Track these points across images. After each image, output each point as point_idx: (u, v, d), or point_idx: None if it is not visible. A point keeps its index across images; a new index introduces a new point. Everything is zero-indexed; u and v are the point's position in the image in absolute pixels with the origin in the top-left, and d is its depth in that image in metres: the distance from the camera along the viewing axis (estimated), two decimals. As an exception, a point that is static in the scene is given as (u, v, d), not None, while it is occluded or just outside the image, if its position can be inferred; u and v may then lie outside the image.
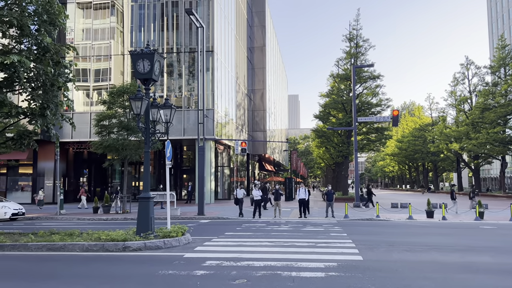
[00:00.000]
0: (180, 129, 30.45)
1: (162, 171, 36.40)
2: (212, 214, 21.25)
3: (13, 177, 32.61)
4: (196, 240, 11.77)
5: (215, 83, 31.55)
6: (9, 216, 19.36)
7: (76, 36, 32.19)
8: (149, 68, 11.27)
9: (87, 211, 23.79)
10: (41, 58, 11.65)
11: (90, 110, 31.43)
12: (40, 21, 11.65)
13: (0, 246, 10.29)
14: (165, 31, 32.23)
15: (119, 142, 21.76)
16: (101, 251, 10.09)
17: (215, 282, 6.79)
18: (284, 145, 66.78)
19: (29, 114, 11.90)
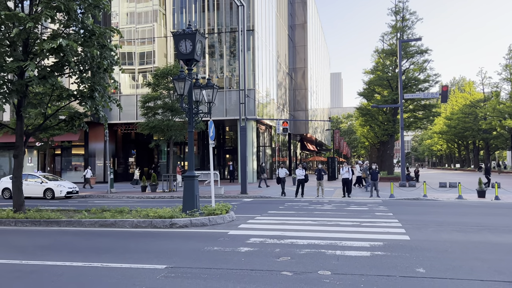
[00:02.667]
0: (222, 109, 30.72)
1: (205, 151, 37.04)
2: (254, 193, 21.47)
3: (67, 158, 34.43)
4: (239, 218, 11.94)
5: (256, 62, 31.37)
6: (64, 194, 20.50)
7: (120, 20, 32.96)
8: (191, 49, 11.33)
9: (135, 190, 24.75)
10: (87, 41, 12.00)
11: (136, 92, 32.34)
12: (86, 5, 11.94)
13: (57, 222, 10.94)
14: (206, 11, 32.26)
15: (164, 123, 22.28)
16: (149, 228, 10.48)
17: (260, 259, 6.86)
18: (326, 124, 65.81)
19: (79, 96, 12.37)
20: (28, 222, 11.00)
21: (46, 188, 20.45)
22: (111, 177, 23.24)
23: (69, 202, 18.86)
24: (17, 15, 10.54)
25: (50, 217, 11.19)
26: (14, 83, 11.29)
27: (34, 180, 20.73)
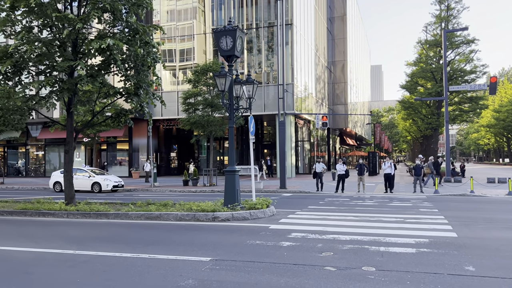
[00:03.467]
0: (260, 104, 30.81)
1: (244, 146, 37.35)
2: (293, 188, 21.44)
3: (112, 153, 35.77)
4: (280, 213, 11.99)
5: (294, 56, 31.19)
6: (110, 188, 21.35)
7: (161, 18, 33.73)
8: (232, 45, 11.45)
9: (177, 184, 25.36)
10: (132, 40, 12.40)
11: (177, 89, 33.05)
12: (130, 4, 12.33)
13: (106, 214, 11.44)
14: (244, 7, 32.39)
15: (204, 118, 22.66)
16: (192, 221, 10.74)
17: (302, 254, 6.88)
18: (366, 118, 64.48)
19: (125, 93, 12.83)
20: (79, 214, 11.57)
21: (94, 182, 21.37)
22: (154, 172, 23.93)
23: (115, 195, 19.62)
24: (67, 16, 11.06)
25: (99, 209, 11.71)
26: (65, 82, 11.86)
27: (82, 174, 21.69)
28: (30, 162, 37.15)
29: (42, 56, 12.03)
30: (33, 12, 11.68)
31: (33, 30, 12.28)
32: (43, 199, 13.91)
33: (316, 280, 5.38)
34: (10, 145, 37.31)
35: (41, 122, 33.23)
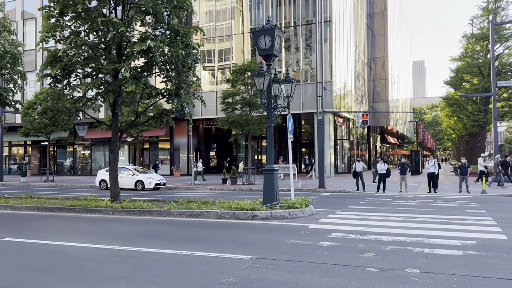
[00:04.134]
0: (298, 103, 30.65)
1: (282, 144, 37.30)
2: (333, 187, 21.19)
3: (154, 152, 36.78)
4: (319, 212, 11.89)
5: (333, 54, 30.78)
6: (153, 186, 21.97)
7: (200, 19, 34.28)
8: (270, 44, 11.47)
9: (216, 182, 25.71)
10: (173, 42, 12.70)
11: (216, 88, 33.49)
12: (171, 7, 12.62)
13: (149, 211, 11.79)
14: (282, 5, 32.31)
15: (242, 118, 22.85)
16: (232, 219, 10.87)
17: (342, 254, 6.81)
18: (408, 115, 62.58)
19: (166, 94, 13.16)
20: (124, 211, 12.00)
21: (137, 180, 22.07)
22: (195, 170, 24.39)
23: (157, 193, 20.17)
24: (111, 20, 11.49)
25: (142, 207, 12.10)
26: (110, 83, 12.33)
27: (126, 172, 22.46)
28: (77, 161, 38.88)
29: (88, 59, 12.57)
30: (80, 17, 12.22)
31: (80, 35, 12.85)
32: (90, 196, 14.52)
33: (358, 281, 5.31)
34: (59, 144, 39.20)
35: (87, 122, 34.68)
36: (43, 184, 26.17)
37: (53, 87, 12.77)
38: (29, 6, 37.41)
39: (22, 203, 13.73)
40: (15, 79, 17.14)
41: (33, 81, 31.45)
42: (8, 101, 16.81)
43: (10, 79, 17.00)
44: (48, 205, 13.26)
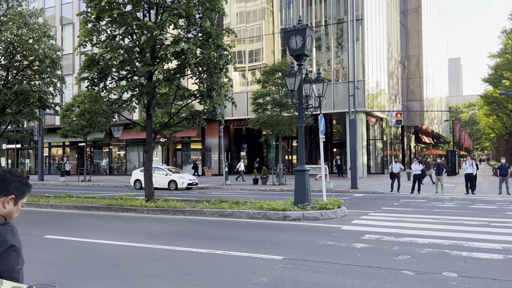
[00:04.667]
0: (329, 102, 30.33)
1: (312, 145, 37.02)
2: (365, 188, 20.85)
3: (186, 152, 37.36)
4: (352, 213, 11.74)
5: (365, 52, 30.27)
6: (185, 186, 22.32)
7: (231, 20, 34.54)
8: (301, 44, 11.42)
9: (247, 182, 25.83)
10: (205, 44, 12.87)
11: (246, 89, 33.65)
12: (203, 9, 12.80)
13: (182, 211, 12.00)
14: (313, 5, 32.09)
15: (273, 118, 22.86)
16: (263, 219, 10.90)
17: (377, 256, 6.69)
18: (444, 114, 60.73)
19: (199, 95, 13.35)
20: (158, 210, 12.26)
21: (170, 180, 22.49)
22: (226, 170, 24.60)
23: (190, 193, 20.48)
24: (146, 24, 11.77)
25: (176, 206, 12.32)
26: (144, 86, 12.63)
27: (160, 172, 22.91)
28: (113, 161, 40.02)
29: (124, 62, 12.93)
30: (116, 22, 12.58)
31: (116, 38, 13.23)
32: (126, 195, 14.93)
33: (393, 284, 5.21)
34: (95, 145, 40.48)
35: (122, 124, 35.65)
36: (80, 183, 27.11)
37: (91, 90, 13.21)
38: (67, 12, 38.85)
39: (61, 202, 14.28)
40: (54, 83, 17.85)
41: (71, 84, 32.65)
42: (48, 103, 17.54)
43: (50, 82, 17.73)
44: (85, 204, 13.74)
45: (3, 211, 1.80)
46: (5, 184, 1.83)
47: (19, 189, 1.86)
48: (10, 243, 1.68)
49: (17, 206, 1.87)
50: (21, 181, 1.89)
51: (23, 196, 1.91)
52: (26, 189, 1.92)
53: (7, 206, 1.82)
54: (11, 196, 1.83)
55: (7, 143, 41.47)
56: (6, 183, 1.83)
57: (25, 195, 1.92)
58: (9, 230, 1.71)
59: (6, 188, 1.83)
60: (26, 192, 1.92)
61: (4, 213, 1.81)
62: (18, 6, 17.12)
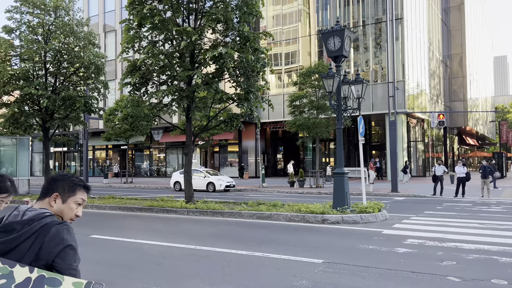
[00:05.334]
0: (368, 104, 29.77)
1: (351, 147, 36.45)
2: (406, 191, 20.28)
3: (224, 154, 37.81)
4: (393, 217, 11.46)
5: (405, 52, 29.52)
6: (223, 188, 22.56)
7: (267, 23, 34.68)
8: (340, 45, 11.30)
9: (283, 185, 25.79)
10: (242, 47, 13.01)
11: (283, 91, 33.64)
12: (241, 13, 12.95)
13: (221, 212, 12.16)
14: (350, 5, 31.67)
15: (310, 120, 22.72)
16: (301, 222, 10.85)
17: (420, 261, 6.51)
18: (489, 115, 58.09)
19: (236, 99, 13.50)
20: (197, 212, 12.48)
21: (208, 182, 22.82)
22: (263, 173, 24.68)
23: (227, 195, 20.69)
24: (185, 29, 12.05)
25: (214, 208, 12.50)
26: (184, 90, 12.93)
27: (198, 174, 23.28)
28: (153, 163, 41.10)
29: (164, 67, 13.29)
30: (157, 28, 12.96)
31: (157, 44, 13.62)
32: (166, 197, 15.28)
33: (438, 290, 5.06)
34: (136, 148, 41.74)
35: (162, 127, 36.55)
36: (123, 185, 28.03)
37: (133, 95, 13.65)
38: (110, 19, 40.38)
39: (105, 203, 14.83)
40: (99, 88, 18.60)
41: (114, 89, 33.89)
42: (93, 108, 18.29)
43: (95, 88, 18.49)
44: (128, 205, 14.19)
45: (53, 209, 1.89)
46: (50, 185, 1.94)
47: (63, 187, 1.93)
48: (67, 242, 1.76)
49: (67, 204, 1.93)
50: (65, 179, 1.96)
51: (73, 194, 1.94)
52: (73, 186, 1.96)
53: (54, 204, 1.90)
54: (54, 194, 1.92)
55: (54, 146, 43.49)
56: (50, 184, 1.94)
57: (74, 192, 1.95)
58: (65, 229, 1.79)
59: (52, 188, 1.93)
60: (75, 190, 1.95)
61: (55, 212, 1.89)
62: (66, 15, 17.97)
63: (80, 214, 1.98)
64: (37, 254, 1.71)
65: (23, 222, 1.75)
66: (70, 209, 1.94)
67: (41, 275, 1.63)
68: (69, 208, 1.94)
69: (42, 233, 1.73)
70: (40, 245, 1.71)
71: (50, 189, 1.93)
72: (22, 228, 1.73)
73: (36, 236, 1.72)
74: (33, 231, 1.72)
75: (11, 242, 1.71)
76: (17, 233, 1.72)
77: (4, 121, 18.13)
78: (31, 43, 17.17)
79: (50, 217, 1.80)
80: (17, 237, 1.71)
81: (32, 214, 1.79)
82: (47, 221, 1.76)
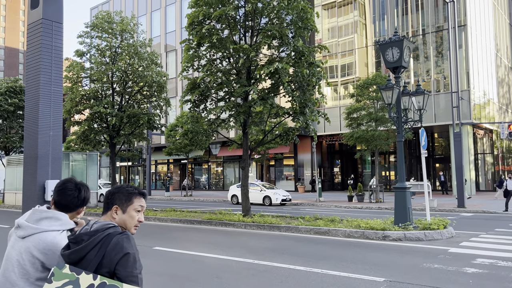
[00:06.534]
0: (430, 115, 28.50)
1: (412, 160, 35.01)
2: (474, 207, 19.05)
3: (279, 168, 37.83)
4: (460, 235, 10.82)
5: (470, 60, 28.03)
6: (279, 202, 22.55)
7: (322, 36, 34.59)
8: (398, 56, 11.03)
9: (341, 199, 25.27)
10: (297, 62, 13.09)
11: (339, 104, 33.19)
12: (296, 28, 13.07)
13: (278, 227, 12.15)
14: (409, 14, 30.78)
15: (368, 133, 22.18)
16: (361, 238, 10.55)
17: (492, 283, 6.08)
18: None
19: (292, 113, 13.55)
20: (254, 225, 12.58)
21: (265, 196, 22.92)
22: (319, 187, 24.36)
23: (284, 209, 20.64)
24: (242, 47, 12.37)
25: (271, 222, 12.53)
26: (241, 105, 13.21)
27: (255, 188, 23.48)
28: (211, 177, 42.07)
29: (222, 84, 13.69)
30: (215, 47, 13.42)
31: (215, 62, 14.09)
32: (224, 210, 15.57)
33: (514, 316, 4.69)
34: (195, 162, 42.99)
35: (220, 141, 37.40)
36: (183, 198, 28.92)
37: (192, 111, 14.17)
38: (171, 39, 42.39)
39: (167, 216, 15.39)
40: (161, 105, 19.50)
41: (174, 106, 35.34)
42: (155, 125, 19.20)
43: (157, 105, 19.41)
44: (188, 218, 14.62)
45: (116, 221, 2.03)
46: (109, 199, 2.08)
47: (120, 198, 2.06)
48: (126, 250, 1.87)
49: (127, 213, 2.04)
50: (120, 191, 2.08)
51: (130, 202, 2.05)
52: (129, 195, 2.07)
53: (116, 216, 2.04)
54: (114, 206, 2.05)
55: (120, 161, 45.98)
56: (109, 198, 2.08)
57: (131, 201, 2.06)
58: (125, 238, 1.90)
59: (111, 202, 2.07)
60: (132, 198, 2.06)
61: (118, 223, 2.03)
62: (131, 38, 19.15)
63: (142, 219, 2.10)
64: (100, 262, 1.85)
65: (89, 233, 1.91)
66: (131, 217, 2.06)
67: (102, 282, 1.78)
68: (130, 217, 2.06)
69: (105, 242, 1.87)
70: (103, 254, 1.85)
71: (110, 203, 2.07)
72: (88, 238, 1.89)
73: (100, 245, 1.86)
74: (97, 241, 1.87)
75: (80, 251, 1.87)
76: (84, 243, 1.88)
77: (76, 138, 19.51)
78: (100, 65, 18.47)
79: (113, 228, 1.94)
80: (85, 247, 1.87)
81: (97, 226, 1.95)
82: (109, 231, 1.90)
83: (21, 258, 2.05)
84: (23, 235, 2.09)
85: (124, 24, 18.85)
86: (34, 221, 2.11)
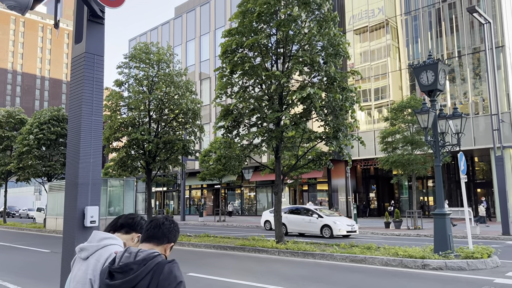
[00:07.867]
0: (469, 138, 27.56)
1: (451, 185, 33.73)
2: (521, 234, 17.98)
3: (313, 193, 37.35)
4: (505, 264, 10.24)
5: (509, 81, 27.12)
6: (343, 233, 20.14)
7: (355, 60, 34.54)
8: (433, 79, 10.85)
9: (378, 226, 24.54)
10: (330, 87, 13.11)
11: (373, 128, 32.72)
12: (327, 55, 13.16)
13: (312, 254, 11.92)
14: (443, 36, 30.34)
15: (404, 157, 21.65)
16: (399, 267, 10.17)
17: (543, 317, 5.68)
18: None
19: (325, 137, 13.48)
20: (288, 252, 12.39)
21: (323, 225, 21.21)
22: (355, 212, 23.82)
23: (318, 235, 20.21)
24: (274, 73, 12.55)
25: (305, 249, 12.31)
26: (273, 131, 13.29)
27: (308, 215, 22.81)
28: (244, 202, 42.05)
29: (254, 110, 13.87)
30: (247, 74, 13.67)
31: (247, 89, 14.33)
32: (257, 236, 15.47)
33: None
34: (228, 187, 43.21)
35: (252, 166, 37.51)
36: (216, 223, 28.98)
37: (225, 137, 14.38)
38: (205, 68, 43.61)
39: (201, 241, 15.45)
40: (195, 132, 19.91)
41: (208, 132, 35.96)
42: (190, 150, 19.55)
43: (192, 132, 19.82)
44: (221, 243, 14.61)
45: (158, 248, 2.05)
46: (171, 234, 2.10)
47: (176, 237, 2.12)
48: (179, 279, 1.90)
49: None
50: (178, 230, 2.14)
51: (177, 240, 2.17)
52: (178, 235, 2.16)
53: (168, 252, 2.09)
54: (171, 244, 2.09)
55: (155, 186, 46.86)
56: (171, 233, 2.10)
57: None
58: (176, 266, 1.94)
59: (168, 238, 2.08)
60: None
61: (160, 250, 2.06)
62: (167, 67, 19.83)
63: None
64: None
65: (138, 262, 1.90)
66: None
67: None
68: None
69: (157, 271, 1.87)
70: (156, 283, 1.85)
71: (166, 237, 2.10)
72: (138, 268, 1.88)
73: (152, 274, 1.86)
74: (148, 270, 1.87)
75: (131, 282, 1.86)
76: (134, 273, 1.87)
77: (114, 164, 20.12)
78: (137, 94, 19.16)
79: (160, 256, 1.96)
80: (135, 276, 1.86)
81: (144, 255, 1.95)
82: (159, 260, 1.92)
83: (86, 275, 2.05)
84: (86, 256, 2.11)
85: (161, 54, 19.58)
86: (97, 240, 2.16)
